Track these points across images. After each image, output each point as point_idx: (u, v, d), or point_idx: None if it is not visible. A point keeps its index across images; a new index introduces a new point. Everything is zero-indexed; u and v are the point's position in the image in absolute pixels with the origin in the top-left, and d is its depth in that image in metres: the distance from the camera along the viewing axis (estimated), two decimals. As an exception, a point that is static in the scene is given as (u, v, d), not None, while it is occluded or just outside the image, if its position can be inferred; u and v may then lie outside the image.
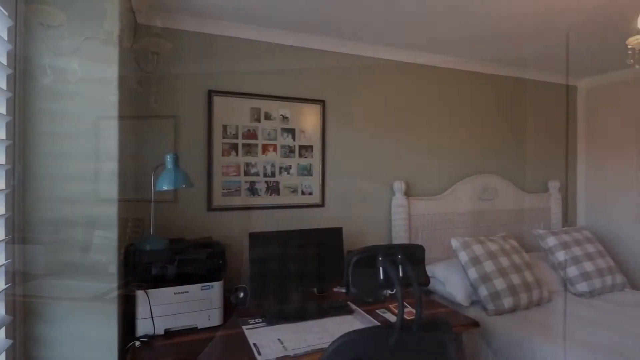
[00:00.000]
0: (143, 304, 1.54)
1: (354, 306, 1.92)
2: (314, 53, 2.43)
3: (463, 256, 2.29)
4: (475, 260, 2.25)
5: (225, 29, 2.18)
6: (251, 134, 2.29)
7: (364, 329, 0.93)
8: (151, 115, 2.06)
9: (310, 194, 2.44)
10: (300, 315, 1.76)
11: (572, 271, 2.48)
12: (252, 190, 2.29)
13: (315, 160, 2.45)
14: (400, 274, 1.00)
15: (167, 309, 1.60)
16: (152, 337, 1.54)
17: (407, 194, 2.67)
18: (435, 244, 2.72)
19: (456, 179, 2.88)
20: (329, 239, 2.15)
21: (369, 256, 0.99)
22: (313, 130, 2.45)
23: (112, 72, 1.38)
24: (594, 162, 3.30)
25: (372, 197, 2.60)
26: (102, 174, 1.37)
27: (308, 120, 2.43)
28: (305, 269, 2.07)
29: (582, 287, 2.42)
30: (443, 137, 2.84)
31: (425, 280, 1.05)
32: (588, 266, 2.50)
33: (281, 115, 2.37)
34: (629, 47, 1.52)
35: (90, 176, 1.36)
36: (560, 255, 2.55)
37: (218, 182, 2.20)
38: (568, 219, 3.37)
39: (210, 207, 2.17)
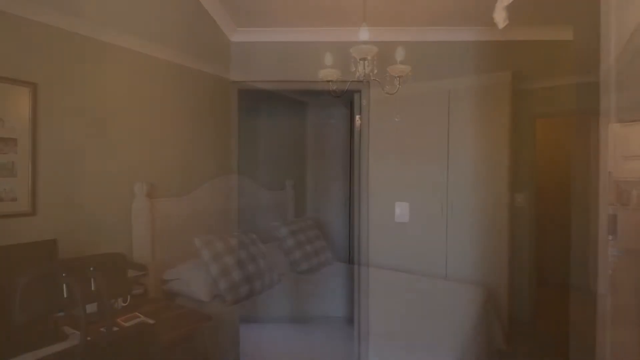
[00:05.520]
0: None
1: (70, 330, 1.65)
2: (17, 20, 1.92)
3: (206, 254, 2.38)
4: (217, 257, 2.38)
5: None
6: None
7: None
8: None
9: (14, 200, 1.92)
10: (-18, 361, 1.35)
11: (297, 254, 3.02)
12: None
13: (21, 156, 1.94)
14: (93, 288, 0.92)
15: None
16: None
17: (151, 195, 2.53)
18: (183, 245, 2.70)
19: (204, 178, 2.95)
20: (36, 257, 1.74)
21: (48, 274, 0.86)
22: (17, 119, 1.93)
23: None
24: (318, 164, 4.13)
25: (108, 200, 2.31)
26: None
27: (8, 105, 1.90)
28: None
29: (303, 266, 2.99)
30: (191, 136, 2.85)
31: (124, 290, 1.00)
32: (309, 248, 3.11)
33: (-41, 95, 1.75)
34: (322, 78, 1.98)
35: None
36: (290, 242, 3.06)
37: None
38: (299, 211, 4.10)
39: None
